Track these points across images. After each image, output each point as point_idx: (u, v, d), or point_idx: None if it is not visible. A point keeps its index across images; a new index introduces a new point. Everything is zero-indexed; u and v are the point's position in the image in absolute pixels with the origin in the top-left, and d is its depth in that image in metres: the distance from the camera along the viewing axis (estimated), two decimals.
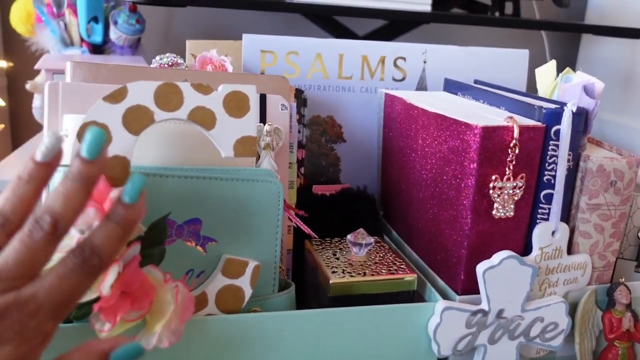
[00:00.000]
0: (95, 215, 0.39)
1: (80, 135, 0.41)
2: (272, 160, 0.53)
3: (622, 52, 1.12)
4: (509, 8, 1.13)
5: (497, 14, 1.12)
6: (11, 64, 1.26)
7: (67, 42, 1.01)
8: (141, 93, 0.42)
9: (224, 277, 0.45)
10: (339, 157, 0.73)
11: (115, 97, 0.42)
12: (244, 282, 0.46)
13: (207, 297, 0.45)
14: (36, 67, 0.89)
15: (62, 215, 0.33)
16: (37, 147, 0.34)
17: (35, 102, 1.06)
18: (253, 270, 0.46)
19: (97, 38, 0.99)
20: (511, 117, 0.48)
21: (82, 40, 1.00)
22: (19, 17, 1.05)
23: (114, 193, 0.40)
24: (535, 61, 0.76)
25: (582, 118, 0.50)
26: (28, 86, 1.01)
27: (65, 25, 1.00)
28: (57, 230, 0.33)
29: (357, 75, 0.72)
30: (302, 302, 0.55)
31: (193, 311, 0.42)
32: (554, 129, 0.49)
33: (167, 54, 0.63)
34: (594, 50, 1.29)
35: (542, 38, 1.33)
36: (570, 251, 0.52)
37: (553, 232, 0.50)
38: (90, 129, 0.34)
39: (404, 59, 0.72)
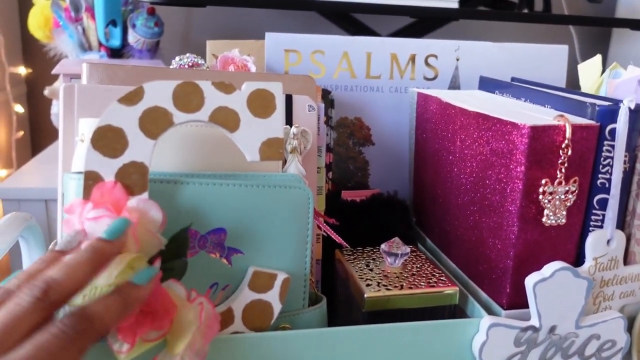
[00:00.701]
0: None
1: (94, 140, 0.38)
2: (299, 164, 0.49)
3: None
4: (538, 5, 1.09)
5: (525, 10, 1.07)
6: (30, 70, 1.25)
7: (86, 47, 0.99)
8: (158, 94, 0.39)
9: (251, 292, 0.42)
10: (367, 160, 0.70)
11: (131, 98, 0.39)
12: (273, 297, 0.42)
13: (234, 314, 0.41)
14: (54, 72, 0.87)
15: (58, 283, 0.31)
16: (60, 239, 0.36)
17: (54, 109, 1.04)
18: (282, 283, 0.43)
19: (116, 42, 0.97)
20: (562, 116, 0.44)
21: (100, 44, 0.98)
22: (37, 23, 1.03)
23: (132, 202, 0.38)
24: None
25: (639, 116, 0.45)
26: (46, 92, 0.99)
27: (84, 29, 0.98)
28: (48, 298, 0.30)
29: (386, 75, 0.68)
30: (333, 316, 0.51)
31: (218, 329, 0.39)
32: (608, 127, 0.44)
33: (187, 55, 0.60)
34: (624, 46, 1.24)
35: (571, 35, 1.28)
36: (626, 261, 0.48)
37: (608, 241, 0.46)
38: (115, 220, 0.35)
39: (436, 56, 0.68)
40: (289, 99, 0.52)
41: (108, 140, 0.38)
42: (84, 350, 0.30)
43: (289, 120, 0.51)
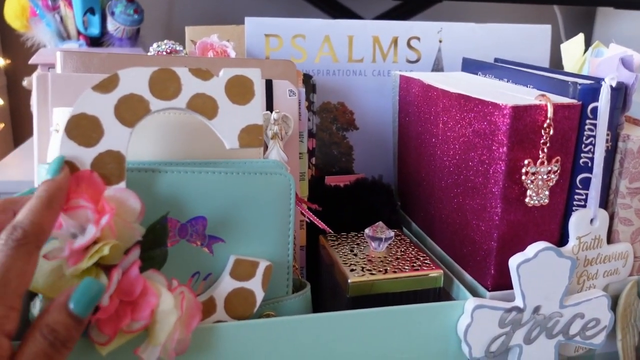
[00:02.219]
0: (89, 216, 0.35)
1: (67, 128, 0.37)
2: (281, 150, 0.49)
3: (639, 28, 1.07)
4: None
5: None
6: (9, 62, 1.23)
7: (64, 36, 0.97)
8: (134, 81, 0.38)
9: (233, 280, 0.42)
10: (351, 145, 0.69)
11: (106, 86, 0.38)
12: (255, 285, 0.42)
13: (216, 303, 0.41)
14: (31, 62, 0.85)
15: (28, 225, 0.32)
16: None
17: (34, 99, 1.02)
18: (264, 271, 0.42)
19: (95, 30, 0.95)
20: (543, 95, 0.43)
21: (79, 33, 0.96)
22: (13, 12, 1.01)
23: (109, 192, 0.37)
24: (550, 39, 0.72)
25: (621, 93, 0.45)
26: (25, 83, 0.97)
27: (61, 18, 0.96)
28: (26, 239, 0.32)
29: (369, 58, 0.67)
30: (318, 302, 0.51)
31: (200, 319, 0.39)
32: (590, 106, 0.44)
33: (165, 41, 0.59)
34: (610, 26, 1.23)
35: (555, 15, 1.28)
36: (610, 240, 0.48)
37: (591, 220, 0.46)
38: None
39: (418, 38, 0.68)
40: (269, 84, 0.51)
41: (83, 129, 0.37)
42: (28, 256, 0.32)
43: (269, 106, 0.51)
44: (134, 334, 0.36)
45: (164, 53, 0.58)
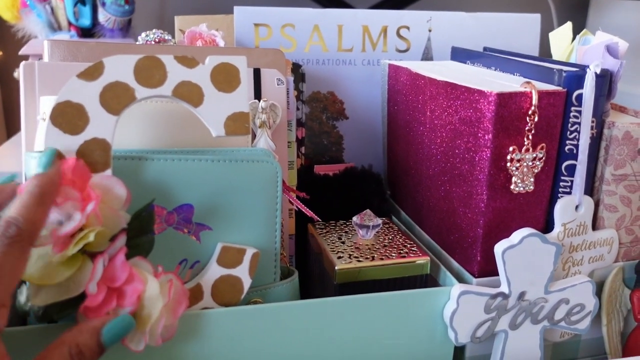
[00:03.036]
0: (75, 203, 0.36)
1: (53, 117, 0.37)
2: (268, 139, 0.49)
3: (634, 18, 1.07)
4: None
5: None
6: (0, 53, 1.22)
7: (55, 27, 0.97)
8: (120, 68, 0.38)
9: (220, 267, 0.42)
10: (341, 135, 0.69)
11: (91, 73, 0.38)
12: (242, 272, 0.42)
13: (203, 290, 0.41)
14: (21, 52, 0.85)
15: (21, 221, 0.32)
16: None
17: None
18: (251, 258, 0.42)
19: (86, 21, 0.95)
20: (529, 82, 0.44)
21: (70, 24, 0.96)
22: (4, 3, 1.00)
23: (95, 179, 0.37)
24: (542, 28, 0.72)
25: (605, 81, 0.45)
26: (16, 74, 0.97)
27: (52, 9, 0.96)
28: (20, 235, 0.32)
29: (358, 47, 0.67)
30: (307, 290, 0.51)
31: (187, 305, 0.39)
32: (575, 93, 0.44)
33: (154, 30, 0.59)
34: (603, 16, 1.23)
35: (548, 4, 1.28)
36: (595, 226, 0.48)
37: (576, 207, 0.46)
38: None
39: (408, 28, 0.68)
40: (257, 73, 0.51)
41: (68, 117, 0.37)
42: (22, 251, 0.32)
43: (257, 95, 0.51)
44: None
45: (153, 42, 0.58)
